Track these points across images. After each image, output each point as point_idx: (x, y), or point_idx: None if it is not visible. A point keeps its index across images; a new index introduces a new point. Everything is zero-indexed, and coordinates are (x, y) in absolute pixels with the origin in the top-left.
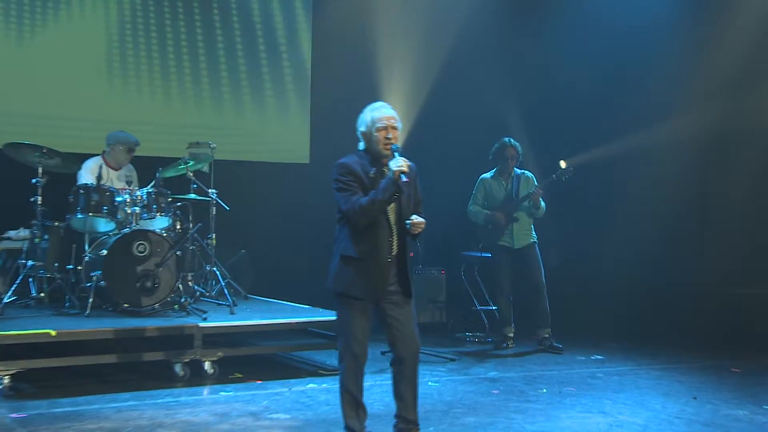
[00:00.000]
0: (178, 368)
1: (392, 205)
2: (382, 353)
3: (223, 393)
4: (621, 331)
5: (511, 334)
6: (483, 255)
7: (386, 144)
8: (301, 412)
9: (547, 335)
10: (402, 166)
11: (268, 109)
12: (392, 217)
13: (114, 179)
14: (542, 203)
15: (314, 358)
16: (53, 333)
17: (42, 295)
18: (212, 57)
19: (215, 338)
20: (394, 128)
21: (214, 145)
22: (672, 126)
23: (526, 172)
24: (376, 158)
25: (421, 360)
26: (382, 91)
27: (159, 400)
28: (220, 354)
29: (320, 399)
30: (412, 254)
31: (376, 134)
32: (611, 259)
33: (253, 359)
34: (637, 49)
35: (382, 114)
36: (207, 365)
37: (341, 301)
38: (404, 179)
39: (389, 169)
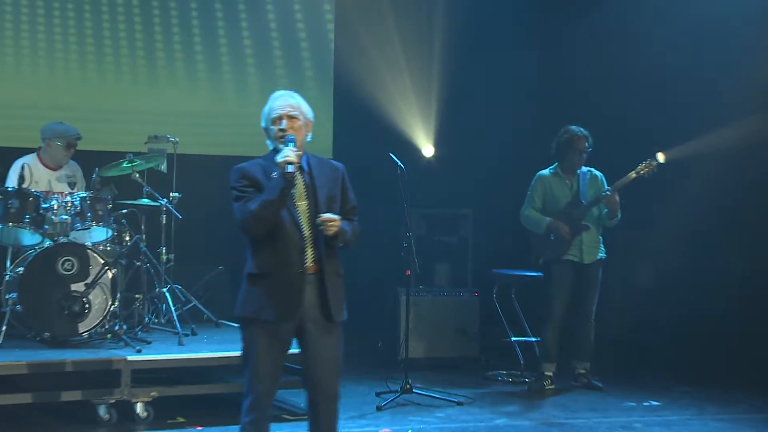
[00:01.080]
0: (102, 411)
1: (304, 207)
2: (377, 394)
3: None
4: (714, 369)
5: (550, 373)
6: (523, 274)
7: (281, 137)
8: None
9: (584, 371)
10: (288, 156)
11: (271, 81)
12: (305, 222)
13: (53, 181)
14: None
15: (290, 399)
16: None
17: None
18: (209, 31)
19: (151, 374)
20: (291, 117)
21: (175, 139)
22: None
23: (593, 170)
24: None
25: (423, 403)
26: (415, 74)
27: None
28: (154, 394)
29: None
30: (409, 272)
31: (272, 127)
32: (718, 279)
33: (208, 400)
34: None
35: (277, 103)
36: (139, 407)
37: (246, 328)
38: (290, 170)
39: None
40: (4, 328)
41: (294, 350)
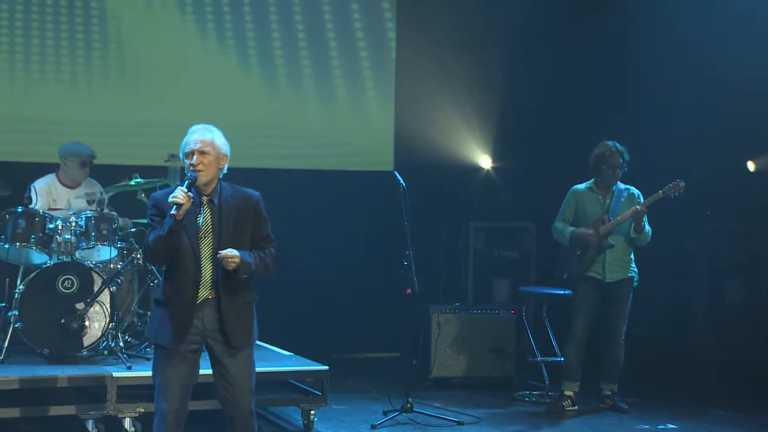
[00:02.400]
0: (90, 425)
1: (208, 241)
2: (384, 413)
3: None
4: None
5: (571, 393)
6: (551, 292)
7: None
8: None
9: (610, 392)
10: (176, 198)
11: (336, 101)
12: (206, 255)
13: (72, 199)
14: (647, 227)
15: (293, 417)
16: None
17: None
18: (264, 39)
19: (147, 390)
20: (202, 153)
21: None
22: None
23: (631, 188)
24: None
25: (423, 422)
26: (475, 83)
27: None
28: (140, 409)
29: None
30: (409, 291)
31: (185, 160)
32: None
33: (199, 415)
34: None
35: (191, 138)
36: (127, 422)
37: (155, 350)
38: (173, 212)
39: None
40: (5, 344)
41: (205, 370)
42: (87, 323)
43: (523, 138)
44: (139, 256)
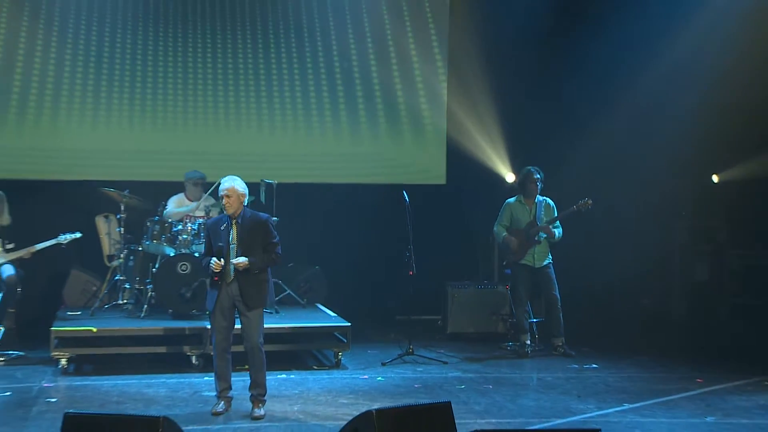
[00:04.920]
0: (194, 359)
1: (235, 247)
2: (399, 355)
3: (206, 378)
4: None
5: (528, 342)
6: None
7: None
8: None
9: (560, 344)
10: (213, 269)
11: (401, 133)
12: (233, 254)
13: (195, 210)
14: (558, 231)
15: (331, 356)
16: (94, 330)
17: (125, 301)
18: (348, 80)
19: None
20: (227, 196)
21: (271, 181)
22: None
23: (547, 199)
24: None
25: (419, 362)
26: (509, 114)
27: (153, 380)
28: None
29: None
30: (411, 273)
31: (221, 201)
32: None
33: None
34: None
35: (221, 186)
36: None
37: None
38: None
39: None
40: (145, 306)
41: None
42: (196, 294)
43: (536, 160)
44: None
